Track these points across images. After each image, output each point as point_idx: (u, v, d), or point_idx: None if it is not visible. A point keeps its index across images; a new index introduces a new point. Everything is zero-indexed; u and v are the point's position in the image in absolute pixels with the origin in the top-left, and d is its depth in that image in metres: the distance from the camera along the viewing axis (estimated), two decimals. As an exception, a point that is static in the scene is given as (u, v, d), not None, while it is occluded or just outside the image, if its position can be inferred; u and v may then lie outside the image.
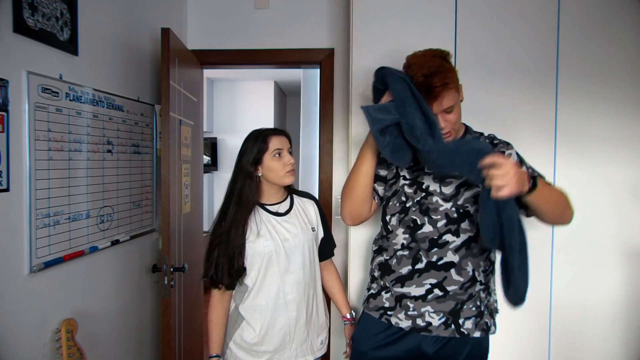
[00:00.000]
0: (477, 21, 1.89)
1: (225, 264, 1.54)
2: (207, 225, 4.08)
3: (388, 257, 1.52)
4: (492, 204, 1.20)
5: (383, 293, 1.53)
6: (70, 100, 1.67)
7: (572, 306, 1.89)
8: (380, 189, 1.58)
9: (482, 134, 1.55)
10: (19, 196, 1.44)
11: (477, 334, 1.45)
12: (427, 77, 1.34)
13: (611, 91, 1.85)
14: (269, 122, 5.47)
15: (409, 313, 1.47)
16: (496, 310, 1.53)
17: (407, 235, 1.48)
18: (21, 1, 1.41)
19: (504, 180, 1.13)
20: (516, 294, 1.27)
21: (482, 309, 1.47)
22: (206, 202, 4.98)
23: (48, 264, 1.55)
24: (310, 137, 3.92)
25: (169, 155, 2.08)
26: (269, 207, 1.65)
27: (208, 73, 5.04)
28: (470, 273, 1.43)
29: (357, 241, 1.95)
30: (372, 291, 1.59)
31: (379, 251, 1.58)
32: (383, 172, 1.58)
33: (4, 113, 1.37)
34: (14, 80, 1.41)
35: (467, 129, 1.54)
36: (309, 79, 3.93)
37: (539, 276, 1.88)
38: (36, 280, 1.51)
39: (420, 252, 1.46)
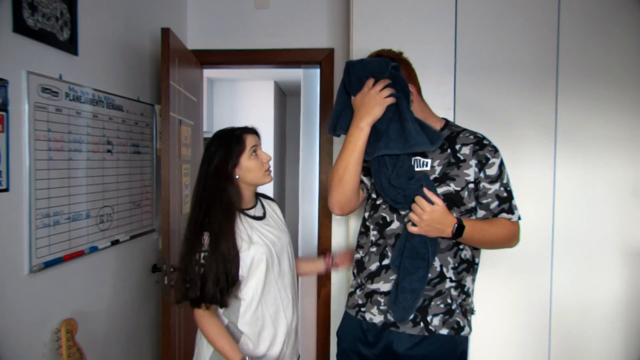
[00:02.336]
0: (477, 21, 1.89)
1: (223, 281, 1.39)
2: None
3: (363, 254, 1.53)
4: (404, 231, 1.39)
5: (357, 291, 1.55)
6: (70, 100, 1.67)
7: (572, 306, 1.88)
8: (367, 181, 1.56)
9: (466, 130, 1.49)
10: (19, 196, 1.44)
11: (444, 331, 1.43)
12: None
13: (611, 91, 1.85)
14: (269, 122, 5.46)
15: (381, 308, 1.46)
16: (472, 311, 1.51)
17: (376, 232, 1.49)
18: (21, 1, 1.41)
19: (416, 221, 1.33)
20: (401, 312, 1.39)
21: (454, 307, 1.44)
22: (206, 202, 4.95)
23: (48, 264, 1.55)
24: (310, 137, 3.91)
25: (169, 155, 2.07)
26: (248, 212, 1.54)
27: (208, 73, 5.03)
28: (438, 269, 1.42)
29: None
30: (350, 289, 1.59)
31: (357, 248, 1.58)
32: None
33: (4, 113, 1.37)
34: (14, 80, 1.41)
35: (447, 124, 1.51)
36: (309, 79, 3.93)
37: (539, 276, 1.88)
38: (36, 280, 1.51)
39: (387, 248, 1.45)
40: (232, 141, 1.49)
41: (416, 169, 1.44)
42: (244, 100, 5.67)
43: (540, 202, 1.89)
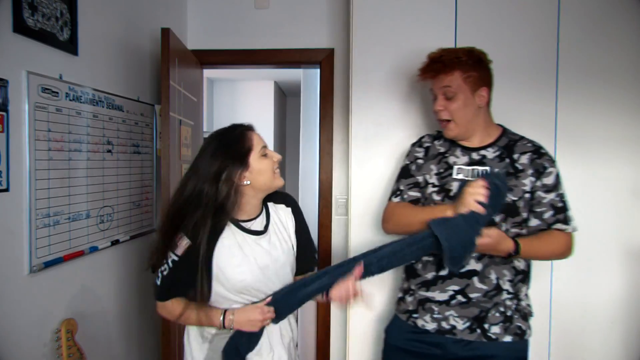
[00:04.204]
0: (477, 21, 1.89)
1: (192, 292, 1.27)
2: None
3: (414, 262, 1.52)
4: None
5: (407, 297, 1.55)
6: (70, 100, 1.67)
7: (572, 306, 1.88)
8: (417, 193, 1.57)
9: (524, 138, 1.48)
10: (19, 196, 1.44)
11: (507, 338, 1.43)
12: (433, 57, 1.47)
13: (611, 91, 1.85)
14: (269, 122, 5.46)
15: (434, 316, 1.47)
16: (530, 314, 1.51)
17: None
18: (21, 1, 1.41)
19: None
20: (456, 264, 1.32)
21: (509, 313, 1.44)
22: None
23: (48, 264, 1.55)
24: (310, 137, 3.91)
25: (169, 155, 2.07)
26: (244, 224, 1.32)
27: (208, 73, 5.03)
28: (494, 282, 1.42)
29: (357, 242, 1.95)
30: (400, 294, 1.61)
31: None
32: (421, 179, 1.56)
33: (4, 113, 1.37)
34: (14, 80, 1.41)
35: (504, 132, 1.51)
36: (309, 79, 3.93)
37: (539, 276, 1.88)
38: (36, 280, 1.51)
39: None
40: (239, 141, 1.29)
41: (472, 178, 1.43)
42: (244, 100, 5.67)
43: (540, 202, 1.88)
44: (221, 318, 1.28)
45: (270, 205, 1.40)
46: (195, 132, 2.59)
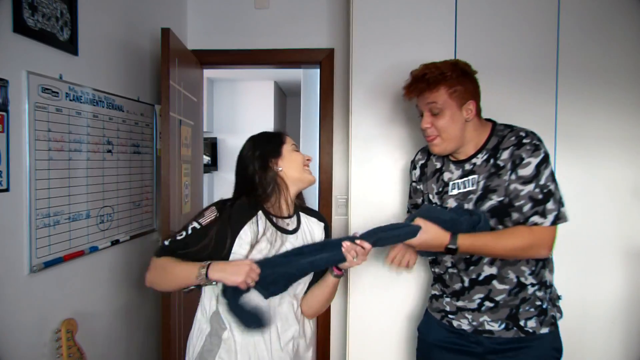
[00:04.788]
0: (477, 21, 1.89)
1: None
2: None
3: (442, 272, 1.54)
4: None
5: (445, 297, 1.55)
6: (70, 100, 1.67)
7: (572, 306, 1.88)
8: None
9: (513, 131, 1.43)
10: (19, 196, 1.44)
11: (545, 330, 1.43)
12: (416, 74, 1.44)
13: (611, 91, 1.85)
14: (269, 122, 5.47)
15: (470, 321, 1.48)
16: (558, 297, 1.52)
17: (450, 256, 1.48)
18: (21, 1, 1.41)
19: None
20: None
21: (545, 305, 1.45)
22: (206, 202, 4.97)
23: (48, 264, 1.55)
24: (310, 137, 3.91)
25: (169, 155, 2.07)
26: (276, 220, 1.34)
27: (208, 73, 5.03)
28: (515, 280, 1.42)
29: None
30: (435, 292, 1.60)
31: (434, 262, 1.59)
32: (419, 201, 1.64)
33: (4, 113, 1.37)
34: (14, 80, 1.41)
35: (493, 131, 1.46)
36: (309, 79, 3.93)
37: (539, 276, 1.88)
38: (36, 280, 1.51)
39: (461, 273, 1.47)
40: (272, 138, 1.40)
41: (463, 190, 1.44)
42: (244, 100, 5.67)
43: (540, 202, 1.88)
44: (200, 267, 1.20)
45: (303, 215, 1.43)
46: (195, 132, 2.59)
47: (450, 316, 1.52)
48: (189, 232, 1.27)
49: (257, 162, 1.34)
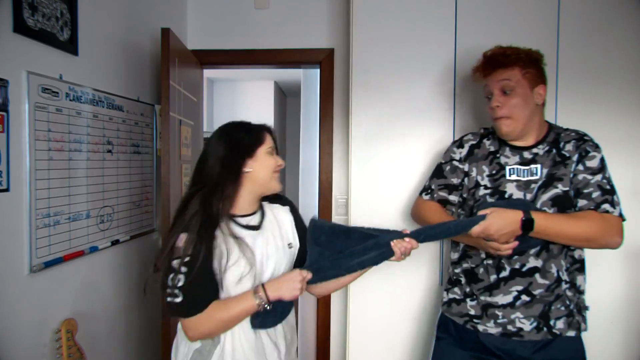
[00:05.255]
0: (477, 21, 1.89)
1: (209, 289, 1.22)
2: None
3: (474, 265, 1.50)
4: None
5: (468, 300, 1.51)
6: (70, 100, 1.67)
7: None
8: (453, 198, 1.58)
9: (569, 129, 1.48)
10: (19, 196, 1.44)
11: (571, 333, 1.42)
12: (493, 52, 1.47)
13: (611, 91, 1.85)
14: (269, 122, 5.44)
15: (498, 321, 1.44)
16: (585, 308, 1.49)
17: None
18: (21, 1, 1.41)
19: (491, 245, 1.35)
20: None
21: (572, 307, 1.43)
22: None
23: (48, 264, 1.55)
24: (310, 137, 3.91)
25: (169, 155, 2.07)
26: (238, 220, 1.28)
27: (208, 73, 5.03)
28: (555, 274, 1.41)
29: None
30: (454, 296, 1.55)
31: (463, 257, 1.54)
32: (456, 181, 1.57)
33: (4, 113, 1.37)
34: (14, 80, 1.41)
35: (550, 128, 1.49)
36: (309, 79, 3.92)
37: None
38: (36, 280, 1.51)
39: (503, 261, 1.43)
40: (251, 132, 1.31)
41: (525, 178, 1.43)
42: (244, 100, 5.67)
43: (540, 202, 1.88)
44: (255, 294, 1.19)
45: (265, 204, 1.39)
46: (195, 132, 2.59)
47: (475, 320, 1.48)
48: (186, 270, 1.17)
49: (226, 158, 1.25)
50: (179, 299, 1.18)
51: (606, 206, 1.36)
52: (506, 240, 1.31)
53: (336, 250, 1.30)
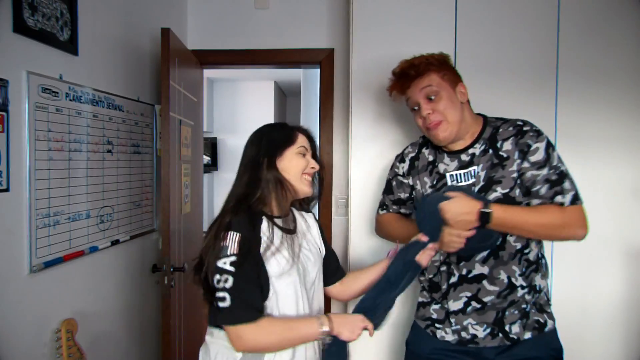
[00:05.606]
0: (477, 22, 1.89)
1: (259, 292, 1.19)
2: (206, 225, 4.07)
3: (432, 275, 1.50)
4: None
5: (433, 304, 1.50)
6: (70, 100, 1.67)
7: (572, 306, 1.88)
8: (405, 211, 1.62)
9: (506, 122, 1.44)
10: (19, 196, 1.44)
11: (527, 335, 1.39)
12: (403, 67, 1.45)
13: (611, 92, 1.85)
14: (269, 122, 5.48)
15: (453, 328, 1.44)
16: (547, 304, 1.46)
17: (440, 254, 1.45)
18: (21, 1, 1.41)
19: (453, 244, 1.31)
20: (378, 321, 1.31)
21: (528, 308, 1.41)
22: (206, 202, 4.98)
23: (48, 264, 1.55)
24: (310, 137, 3.92)
25: (169, 155, 2.07)
26: (276, 220, 1.27)
27: (208, 73, 5.04)
28: (506, 281, 1.38)
29: (357, 242, 1.95)
30: (422, 299, 1.55)
31: (426, 268, 1.50)
32: (403, 195, 1.58)
33: (4, 113, 1.37)
34: (14, 80, 1.41)
35: (486, 123, 1.46)
36: (309, 79, 3.93)
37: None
38: (36, 280, 1.51)
39: (452, 266, 1.43)
40: (282, 132, 1.30)
41: (465, 183, 1.41)
42: (244, 100, 5.68)
43: (540, 202, 1.88)
44: (320, 324, 1.17)
45: (294, 210, 1.39)
46: (195, 132, 2.59)
47: (436, 325, 1.48)
48: (233, 270, 1.13)
49: (256, 157, 1.25)
50: (226, 303, 1.12)
51: (558, 198, 1.33)
52: (462, 228, 1.29)
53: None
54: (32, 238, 1.48)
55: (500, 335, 1.39)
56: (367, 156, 1.96)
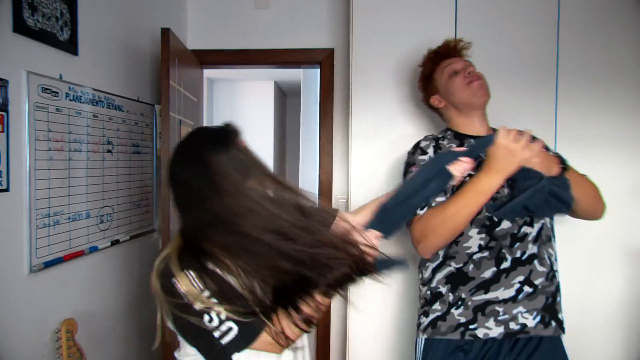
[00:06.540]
0: (477, 21, 1.89)
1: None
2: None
3: (461, 265, 1.36)
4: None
5: (453, 310, 1.36)
6: (70, 100, 1.67)
7: (572, 306, 1.88)
8: (442, 199, 1.40)
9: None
10: (19, 196, 1.44)
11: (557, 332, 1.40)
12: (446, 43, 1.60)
13: (611, 91, 1.85)
14: (269, 122, 5.47)
15: (499, 318, 1.33)
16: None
17: (483, 235, 1.35)
18: (21, 1, 1.41)
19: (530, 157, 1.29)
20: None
21: (559, 299, 1.42)
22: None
23: (48, 264, 1.55)
24: (310, 137, 3.91)
25: (169, 155, 2.07)
26: None
27: (208, 73, 5.03)
28: (549, 261, 1.39)
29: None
30: (437, 313, 1.38)
31: (443, 262, 1.39)
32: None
33: (4, 113, 1.37)
34: (14, 80, 1.41)
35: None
36: (309, 79, 3.93)
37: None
38: (36, 280, 1.51)
39: (503, 250, 1.34)
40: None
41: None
42: (244, 100, 5.67)
43: (540, 202, 1.88)
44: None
45: None
46: (195, 132, 2.59)
47: (471, 327, 1.34)
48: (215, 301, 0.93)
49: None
50: (234, 331, 0.93)
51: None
52: (541, 160, 1.30)
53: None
54: (32, 238, 1.48)
55: (554, 324, 1.37)
56: (367, 156, 1.96)
